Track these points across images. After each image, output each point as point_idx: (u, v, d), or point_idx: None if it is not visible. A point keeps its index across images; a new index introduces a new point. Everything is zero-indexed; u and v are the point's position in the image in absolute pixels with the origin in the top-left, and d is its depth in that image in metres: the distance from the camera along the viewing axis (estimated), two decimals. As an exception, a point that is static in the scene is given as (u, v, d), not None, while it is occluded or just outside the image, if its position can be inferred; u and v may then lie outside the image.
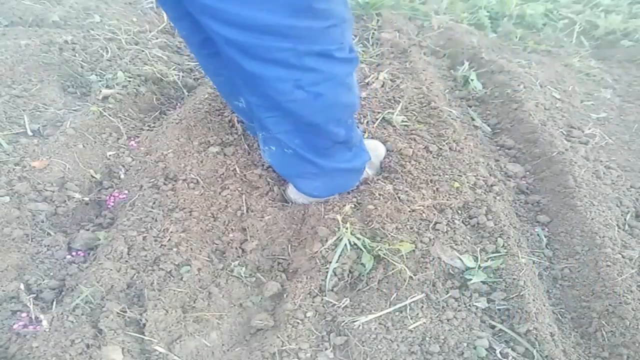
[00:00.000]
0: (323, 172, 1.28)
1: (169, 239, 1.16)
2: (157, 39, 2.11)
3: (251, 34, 0.96)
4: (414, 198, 1.33)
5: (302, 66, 1.02)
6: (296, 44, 0.98)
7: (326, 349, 0.99)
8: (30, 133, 1.48)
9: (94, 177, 1.41)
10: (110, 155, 1.49)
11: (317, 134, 1.18)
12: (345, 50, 1.06)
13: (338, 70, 1.09)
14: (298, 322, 1.03)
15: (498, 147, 1.75)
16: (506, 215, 1.35)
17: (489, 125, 1.87)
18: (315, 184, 1.32)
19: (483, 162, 1.59)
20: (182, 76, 1.91)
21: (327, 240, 1.19)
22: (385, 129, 1.67)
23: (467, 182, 1.42)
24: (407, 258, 1.15)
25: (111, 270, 1.07)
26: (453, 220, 1.27)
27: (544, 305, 1.12)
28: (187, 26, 1.19)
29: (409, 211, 1.28)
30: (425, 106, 1.81)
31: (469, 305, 1.08)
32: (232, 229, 1.28)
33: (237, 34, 0.96)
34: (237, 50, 1.00)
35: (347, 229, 1.18)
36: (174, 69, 1.91)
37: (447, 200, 1.35)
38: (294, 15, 0.94)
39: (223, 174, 1.43)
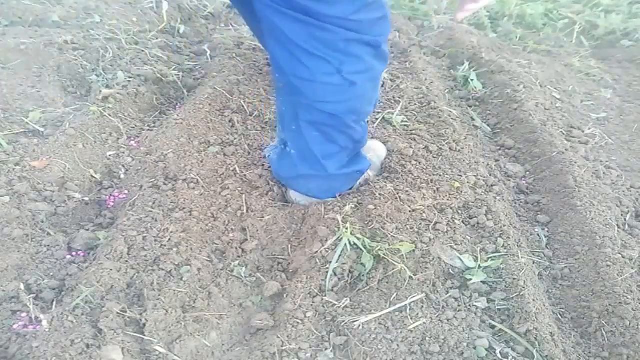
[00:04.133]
0: (322, 176, 1.29)
1: (169, 239, 1.16)
2: (157, 39, 2.11)
3: (313, 23, 1.01)
4: (414, 198, 1.33)
5: (347, 52, 1.06)
6: (347, 32, 1.03)
7: (326, 349, 0.99)
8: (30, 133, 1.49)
9: (94, 177, 1.41)
10: (110, 155, 1.49)
11: (336, 128, 1.20)
12: (387, 44, 1.12)
13: (377, 65, 1.14)
14: (298, 322, 1.03)
15: (498, 147, 1.75)
16: (506, 215, 1.35)
17: (489, 125, 1.87)
18: (309, 185, 1.34)
19: (483, 162, 1.59)
20: (182, 76, 1.91)
21: (327, 240, 1.19)
22: (385, 129, 1.67)
23: (467, 182, 1.42)
24: (407, 258, 1.15)
25: (111, 270, 1.07)
26: (453, 220, 1.27)
27: (544, 305, 1.12)
28: None
29: (409, 211, 1.28)
30: (425, 106, 1.81)
31: (469, 305, 1.08)
32: (232, 229, 1.28)
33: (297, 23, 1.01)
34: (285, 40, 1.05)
35: (347, 229, 1.18)
36: (174, 69, 1.91)
37: (447, 200, 1.35)
38: (357, 11, 0.99)
39: (223, 174, 1.43)
